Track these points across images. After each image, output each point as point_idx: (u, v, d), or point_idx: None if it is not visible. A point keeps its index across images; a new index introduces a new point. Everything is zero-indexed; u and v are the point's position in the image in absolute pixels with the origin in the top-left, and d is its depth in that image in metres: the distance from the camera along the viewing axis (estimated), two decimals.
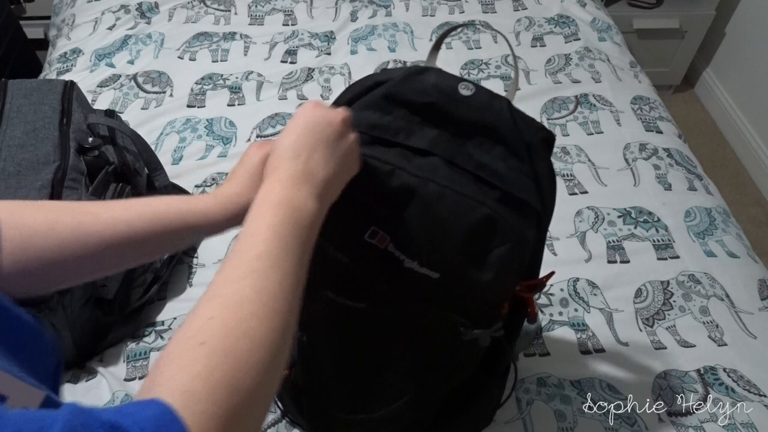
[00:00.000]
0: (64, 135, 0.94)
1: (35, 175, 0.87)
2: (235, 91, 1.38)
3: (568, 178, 1.21)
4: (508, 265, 0.59)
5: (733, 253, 1.09)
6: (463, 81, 0.58)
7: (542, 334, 0.97)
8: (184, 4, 1.62)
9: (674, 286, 1.03)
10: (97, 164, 0.95)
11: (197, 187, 1.17)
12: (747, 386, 0.91)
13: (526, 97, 1.38)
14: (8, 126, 0.92)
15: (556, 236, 1.10)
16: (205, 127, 1.29)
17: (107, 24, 1.55)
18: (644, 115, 1.36)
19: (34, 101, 0.97)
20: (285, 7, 1.63)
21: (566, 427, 0.86)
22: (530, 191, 0.59)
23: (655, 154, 1.26)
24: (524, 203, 0.59)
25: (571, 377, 0.92)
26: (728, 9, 2.18)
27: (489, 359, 0.72)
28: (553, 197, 0.64)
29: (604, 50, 1.53)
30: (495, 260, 0.59)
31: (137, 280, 1.01)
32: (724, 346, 0.96)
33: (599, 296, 1.02)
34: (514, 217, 0.58)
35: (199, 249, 1.07)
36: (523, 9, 1.65)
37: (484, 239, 0.58)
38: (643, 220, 1.13)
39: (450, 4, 1.65)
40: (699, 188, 1.21)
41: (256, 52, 1.49)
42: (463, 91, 0.58)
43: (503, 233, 0.58)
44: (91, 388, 0.89)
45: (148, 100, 1.35)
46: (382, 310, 0.64)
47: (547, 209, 0.63)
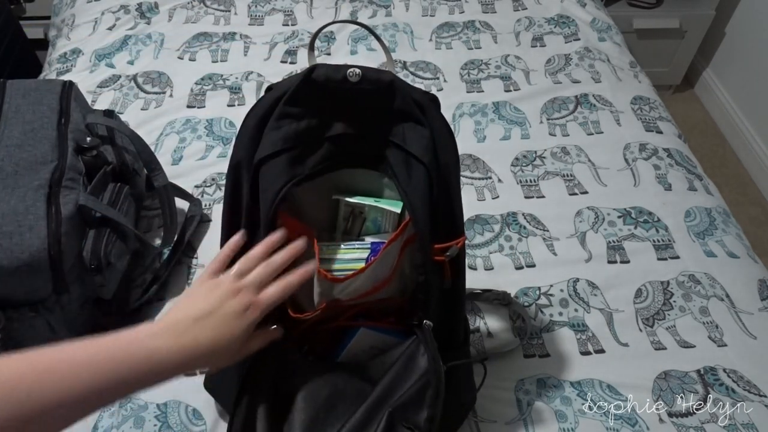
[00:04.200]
0: (62, 135, 0.94)
1: (33, 175, 0.87)
2: (235, 91, 1.38)
3: (568, 178, 1.21)
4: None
5: (733, 253, 1.09)
6: (350, 68, 0.63)
7: (542, 334, 0.97)
8: (184, 5, 1.62)
9: (674, 286, 1.03)
10: (95, 164, 0.95)
11: (197, 187, 1.17)
12: (747, 386, 0.91)
13: (526, 97, 1.38)
14: (6, 126, 0.92)
15: (556, 236, 1.10)
16: (205, 128, 1.29)
17: (107, 24, 1.55)
18: (644, 115, 1.36)
19: (33, 101, 0.97)
20: (285, 7, 1.63)
21: (567, 428, 0.86)
22: (422, 148, 0.65)
23: (655, 154, 1.26)
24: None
25: (572, 378, 0.91)
26: (728, 9, 2.18)
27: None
28: (455, 147, 0.69)
29: (604, 50, 1.53)
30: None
31: (136, 280, 1.00)
32: (724, 347, 0.96)
33: (599, 296, 1.02)
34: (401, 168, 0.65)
35: (198, 249, 1.07)
36: (523, 9, 1.65)
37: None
38: (643, 221, 1.13)
39: (450, 4, 1.65)
40: (699, 188, 1.21)
41: (256, 52, 1.49)
42: (351, 78, 0.63)
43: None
44: None
45: (147, 101, 1.35)
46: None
47: (450, 159, 0.68)
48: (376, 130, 0.66)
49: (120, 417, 0.85)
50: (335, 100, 0.64)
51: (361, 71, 0.63)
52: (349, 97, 0.64)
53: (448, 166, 0.67)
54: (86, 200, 0.88)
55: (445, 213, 0.68)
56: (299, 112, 0.64)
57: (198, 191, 1.16)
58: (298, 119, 0.64)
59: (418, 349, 0.68)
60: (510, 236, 1.10)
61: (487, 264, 1.06)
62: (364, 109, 0.65)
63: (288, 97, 0.63)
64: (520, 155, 1.25)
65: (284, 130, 0.64)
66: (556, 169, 1.23)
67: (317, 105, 0.64)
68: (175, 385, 0.89)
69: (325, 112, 0.65)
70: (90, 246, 0.88)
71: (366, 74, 0.63)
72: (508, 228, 1.11)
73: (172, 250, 1.02)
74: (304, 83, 0.63)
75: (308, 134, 0.65)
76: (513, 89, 1.40)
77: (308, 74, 0.63)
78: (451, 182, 0.68)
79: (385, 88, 0.64)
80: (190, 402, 0.87)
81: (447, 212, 0.68)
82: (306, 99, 0.64)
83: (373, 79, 0.63)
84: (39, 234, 0.82)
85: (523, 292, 1.02)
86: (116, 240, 0.92)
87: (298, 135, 0.64)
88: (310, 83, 0.63)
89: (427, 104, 0.66)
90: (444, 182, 0.67)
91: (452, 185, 0.68)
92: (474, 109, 1.35)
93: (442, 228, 0.67)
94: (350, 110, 0.65)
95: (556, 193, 1.18)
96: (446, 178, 0.67)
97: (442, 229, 0.67)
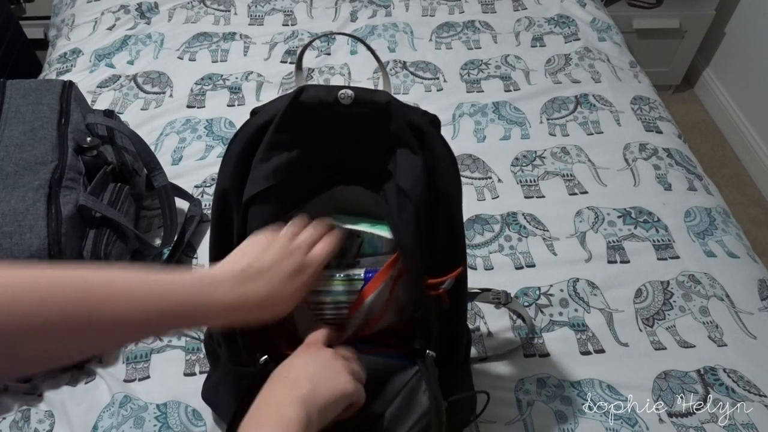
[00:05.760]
0: (62, 135, 0.94)
1: (33, 175, 0.87)
2: (235, 91, 1.38)
3: (568, 178, 1.21)
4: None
5: (733, 253, 1.09)
6: (341, 89, 0.59)
7: (542, 334, 0.97)
8: (184, 5, 1.62)
9: (674, 286, 1.03)
10: (95, 164, 0.95)
11: (197, 187, 1.17)
12: (747, 386, 0.91)
13: (526, 97, 1.38)
14: (6, 126, 0.92)
15: (556, 236, 1.10)
16: (205, 128, 1.29)
17: (107, 24, 1.55)
18: (644, 115, 1.36)
19: (33, 101, 0.97)
20: (285, 7, 1.63)
21: (567, 428, 0.86)
22: (411, 180, 0.60)
23: (655, 154, 1.26)
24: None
25: (572, 378, 0.91)
26: (728, 9, 2.18)
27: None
28: (457, 174, 0.65)
29: (604, 50, 1.53)
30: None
31: None
32: (724, 347, 0.96)
33: (599, 296, 1.02)
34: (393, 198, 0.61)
35: (198, 249, 1.07)
36: (522, 9, 1.65)
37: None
38: (643, 220, 1.13)
39: (450, 4, 1.65)
40: (699, 188, 1.21)
41: (256, 52, 1.49)
42: (343, 100, 0.59)
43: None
44: (90, 390, 0.89)
45: (147, 101, 1.35)
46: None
47: (451, 187, 0.64)
48: (372, 156, 0.61)
49: (120, 417, 0.85)
50: (326, 125, 0.60)
51: (353, 93, 0.58)
52: (342, 121, 0.60)
53: (448, 195, 0.64)
54: (86, 200, 0.88)
55: (446, 244, 0.65)
56: (288, 139, 0.60)
57: (198, 191, 1.16)
58: (288, 149, 0.60)
59: (419, 385, 0.66)
60: (510, 236, 1.10)
61: (487, 264, 1.06)
62: (358, 133, 0.61)
63: (276, 124, 0.59)
64: (520, 155, 1.25)
65: (274, 162, 0.60)
66: (556, 169, 1.23)
67: (307, 131, 0.60)
68: (176, 385, 0.89)
69: (315, 139, 0.61)
70: (90, 246, 0.88)
71: (359, 96, 0.58)
72: (508, 228, 1.11)
73: (172, 250, 1.02)
74: (291, 107, 0.58)
75: (299, 164, 0.61)
76: (513, 89, 1.40)
77: (296, 97, 0.58)
78: (453, 211, 0.65)
79: (381, 110, 0.59)
80: (190, 402, 0.87)
81: (447, 243, 0.65)
82: (295, 124, 0.59)
83: (367, 100, 0.59)
84: (39, 234, 0.82)
85: (523, 292, 1.02)
86: (116, 240, 0.92)
87: (288, 166, 0.60)
88: (299, 107, 0.59)
89: (427, 128, 0.61)
90: (446, 211, 0.63)
91: (454, 214, 0.65)
92: (474, 109, 1.35)
93: (441, 258, 0.64)
94: (343, 135, 0.61)
95: (556, 193, 1.18)
96: (447, 207, 0.64)
97: (442, 259, 0.64)
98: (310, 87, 0.59)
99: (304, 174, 0.62)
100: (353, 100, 0.58)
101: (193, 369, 0.91)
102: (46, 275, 0.43)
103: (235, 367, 0.71)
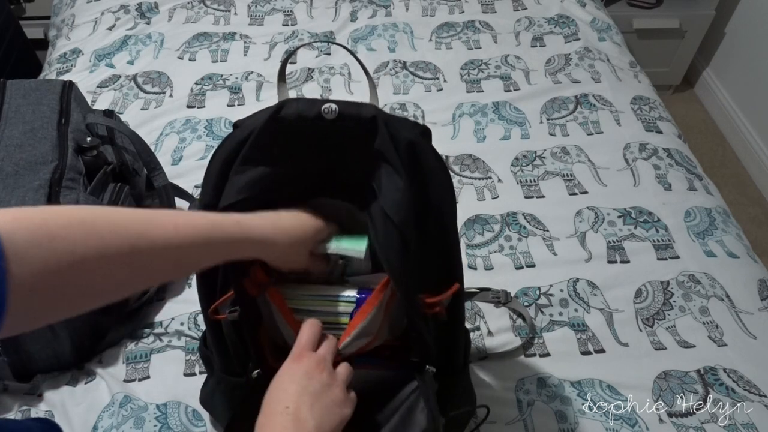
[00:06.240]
0: (62, 135, 0.94)
1: (33, 175, 0.87)
2: (234, 91, 1.38)
3: (568, 178, 1.21)
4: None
5: (733, 253, 1.09)
6: (325, 103, 0.57)
7: (542, 334, 0.97)
8: (184, 5, 1.62)
9: (674, 286, 1.03)
10: (95, 164, 0.95)
11: (197, 187, 1.17)
12: (747, 386, 0.91)
13: (526, 97, 1.38)
14: (6, 126, 0.92)
15: (556, 236, 1.10)
16: (205, 128, 1.29)
17: (107, 24, 1.55)
18: (644, 115, 1.36)
19: (33, 101, 0.97)
20: (285, 7, 1.63)
21: (567, 428, 0.85)
22: (395, 205, 0.58)
23: (655, 154, 1.26)
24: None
25: (572, 378, 0.91)
26: (728, 9, 2.18)
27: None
28: (450, 187, 0.63)
29: (604, 50, 1.53)
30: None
31: None
32: (724, 347, 0.96)
33: (599, 296, 1.02)
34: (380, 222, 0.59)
35: None
36: (522, 9, 1.65)
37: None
38: (643, 220, 1.13)
39: (450, 4, 1.65)
40: (699, 188, 1.21)
41: (256, 52, 1.49)
42: (327, 115, 0.57)
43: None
44: (90, 390, 0.89)
45: (147, 101, 1.35)
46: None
47: (443, 201, 0.62)
48: (356, 171, 0.59)
49: (120, 417, 0.85)
50: (308, 139, 0.58)
51: (337, 107, 0.56)
52: (325, 136, 0.57)
53: (441, 207, 0.61)
54: (86, 200, 0.88)
55: (440, 257, 0.63)
56: (265, 155, 0.57)
57: (198, 191, 1.16)
58: (264, 163, 0.57)
59: (417, 403, 0.64)
60: (510, 236, 1.10)
61: (487, 264, 1.06)
62: (341, 146, 0.58)
63: (253, 139, 0.56)
64: (520, 155, 1.25)
65: (248, 175, 0.57)
66: (556, 169, 1.23)
67: (287, 145, 0.58)
68: (175, 385, 0.89)
69: (296, 153, 0.58)
70: None
71: (344, 111, 0.56)
72: (508, 228, 1.11)
73: None
74: (271, 122, 0.56)
75: (277, 177, 0.59)
76: (513, 89, 1.40)
77: (276, 111, 0.56)
78: (446, 223, 0.63)
79: (366, 125, 0.56)
80: (190, 403, 0.87)
81: (441, 256, 0.63)
82: (274, 139, 0.57)
83: (352, 115, 0.56)
84: None
85: (523, 292, 1.02)
86: None
87: (264, 179, 0.58)
88: (279, 122, 0.56)
89: (418, 140, 0.59)
90: (438, 224, 0.62)
91: (447, 226, 0.63)
92: (474, 109, 1.35)
93: (435, 272, 0.63)
94: (326, 148, 0.58)
95: (556, 193, 1.18)
96: (440, 220, 0.62)
97: (436, 273, 0.63)
98: (292, 102, 0.57)
99: (283, 187, 0.60)
100: (337, 115, 0.56)
101: (193, 369, 0.91)
102: (104, 211, 0.46)
103: (227, 377, 0.70)
